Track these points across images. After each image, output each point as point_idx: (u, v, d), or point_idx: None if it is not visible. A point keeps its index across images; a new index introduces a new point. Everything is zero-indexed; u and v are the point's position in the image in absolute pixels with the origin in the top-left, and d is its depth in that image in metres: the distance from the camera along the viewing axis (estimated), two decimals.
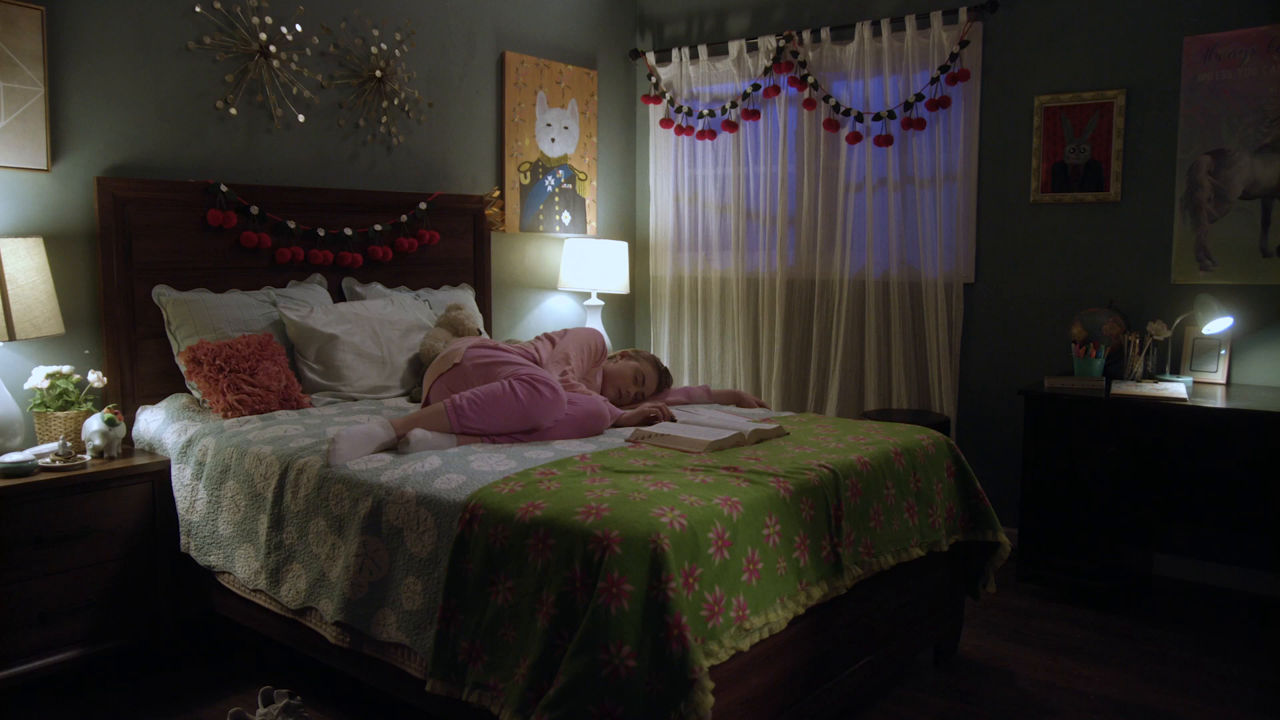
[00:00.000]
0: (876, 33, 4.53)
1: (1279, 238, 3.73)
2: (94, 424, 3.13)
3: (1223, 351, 3.83)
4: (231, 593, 3.01)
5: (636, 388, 3.58)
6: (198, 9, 3.58)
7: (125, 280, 3.41)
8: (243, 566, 2.89)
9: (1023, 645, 3.37)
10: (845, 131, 4.63)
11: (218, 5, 3.63)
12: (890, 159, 4.53)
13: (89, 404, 3.26)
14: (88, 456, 3.11)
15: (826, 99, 4.67)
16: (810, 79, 4.70)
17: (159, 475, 3.16)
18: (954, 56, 4.29)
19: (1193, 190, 3.88)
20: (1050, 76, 4.17)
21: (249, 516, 2.90)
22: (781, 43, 4.77)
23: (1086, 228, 4.14)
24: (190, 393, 3.44)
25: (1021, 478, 3.82)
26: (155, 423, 3.32)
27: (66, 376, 3.20)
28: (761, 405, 3.73)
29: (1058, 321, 4.20)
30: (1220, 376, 3.83)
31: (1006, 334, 4.37)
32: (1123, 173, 4.03)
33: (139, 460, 3.17)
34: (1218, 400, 3.54)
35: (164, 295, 3.46)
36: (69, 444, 3.04)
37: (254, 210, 3.70)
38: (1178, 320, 3.88)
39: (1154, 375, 3.89)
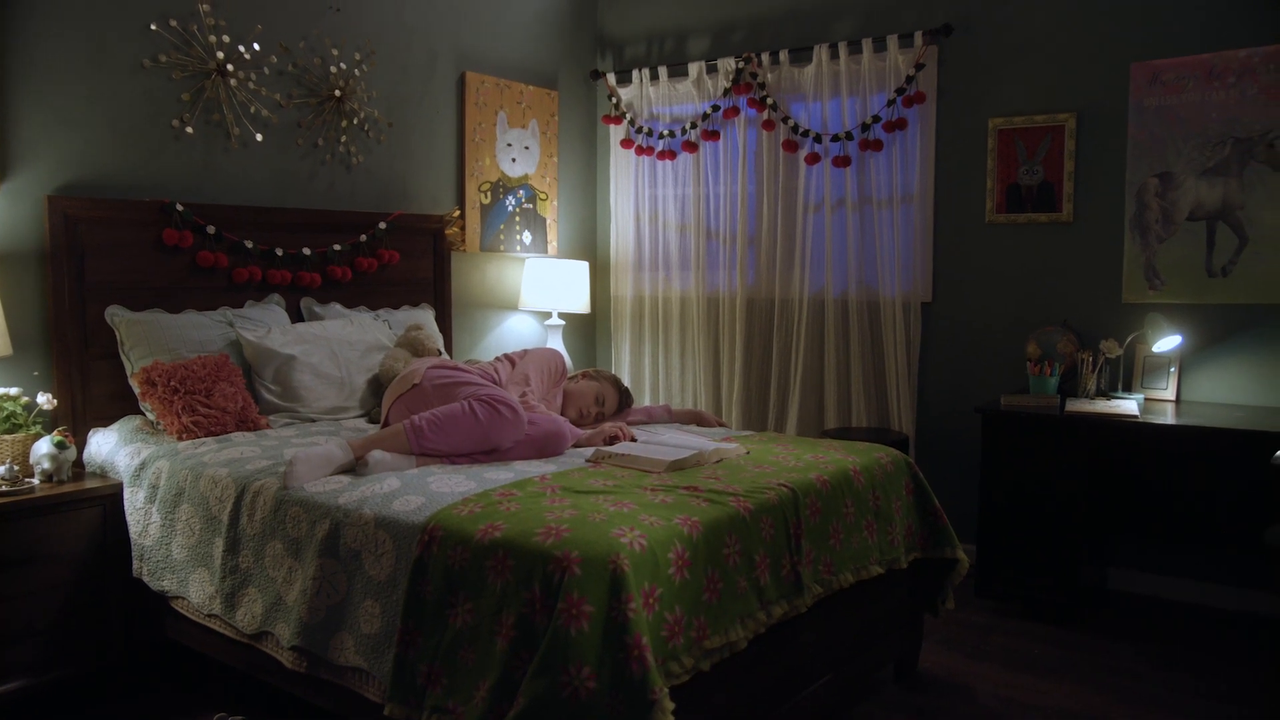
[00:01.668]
0: (834, 55, 4.59)
1: (1223, 259, 3.82)
2: (42, 447, 3.07)
3: (1172, 369, 3.91)
4: (185, 618, 2.96)
5: (597, 408, 3.58)
6: (153, 26, 3.55)
7: (77, 300, 3.35)
8: (197, 591, 2.84)
9: (982, 661, 3.40)
10: (804, 152, 4.68)
11: (174, 23, 3.60)
12: (848, 180, 4.59)
13: (37, 427, 3.20)
14: (36, 480, 3.05)
15: (785, 120, 4.72)
16: (769, 100, 4.75)
17: (111, 499, 3.10)
18: (910, 79, 4.36)
19: (1141, 211, 3.96)
20: (1004, 99, 4.25)
21: (204, 540, 2.85)
22: (741, 64, 4.81)
23: (1040, 248, 4.22)
24: (144, 415, 3.39)
25: (979, 494, 3.87)
26: (107, 445, 3.27)
27: (14, 399, 3.14)
28: (722, 425, 3.74)
29: (1013, 340, 4.26)
30: (1170, 394, 3.91)
31: (964, 353, 4.43)
32: (1074, 194, 4.11)
33: (90, 484, 3.11)
34: (1168, 417, 3.60)
35: (117, 315, 3.41)
36: (16, 468, 2.98)
37: (210, 230, 3.67)
38: (1129, 339, 3.96)
39: (1107, 393, 3.96)
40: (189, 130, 3.67)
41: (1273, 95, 3.66)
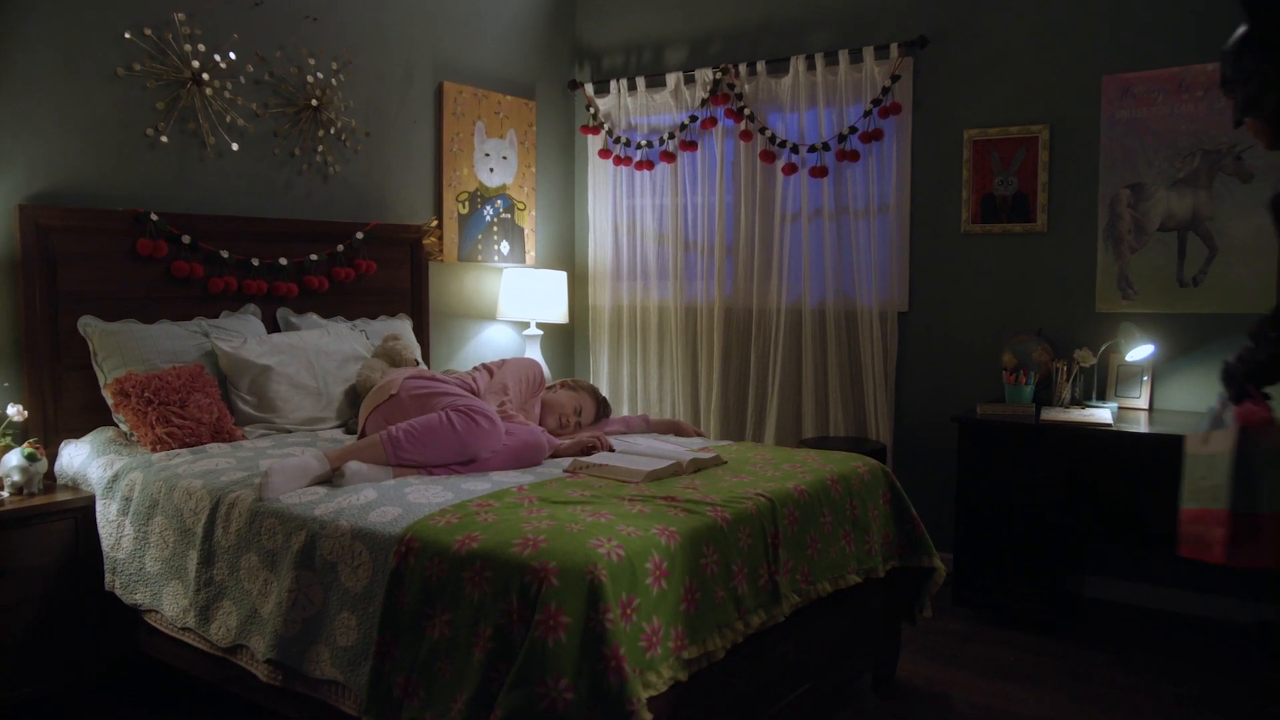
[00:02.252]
0: (811, 66, 4.62)
1: (1194, 269, 3.87)
2: (13, 459, 3.03)
3: (1145, 378, 3.95)
4: (159, 632, 2.92)
5: (575, 418, 3.58)
6: (127, 35, 3.52)
7: (49, 311, 3.31)
8: (171, 604, 2.81)
9: (959, 669, 3.42)
10: (781, 163, 4.71)
11: (148, 32, 3.58)
12: (825, 190, 4.61)
13: (8, 438, 3.16)
14: (5, 493, 3.02)
15: (762, 131, 4.74)
16: (746, 111, 4.77)
17: (83, 511, 3.07)
18: (886, 90, 4.40)
19: (1114, 222, 4.01)
20: (978, 111, 4.29)
21: (178, 553, 2.82)
22: (718, 75, 4.84)
23: (1015, 258, 4.25)
24: (117, 426, 3.35)
25: (956, 503, 3.89)
26: (80, 457, 3.23)
27: None
28: (700, 434, 3.75)
29: (989, 349, 4.29)
30: (1143, 402, 3.95)
31: (940, 362, 4.46)
32: (1048, 204, 4.15)
33: (61, 496, 3.08)
34: (1141, 425, 3.64)
35: (90, 326, 3.38)
36: None
37: (185, 240, 3.64)
38: (1102, 348, 4.00)
39: (1081, 401, 3.99)
40: (164, 139, 3.65)
41: None
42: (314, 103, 4.12)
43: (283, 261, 3.95)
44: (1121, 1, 3.96)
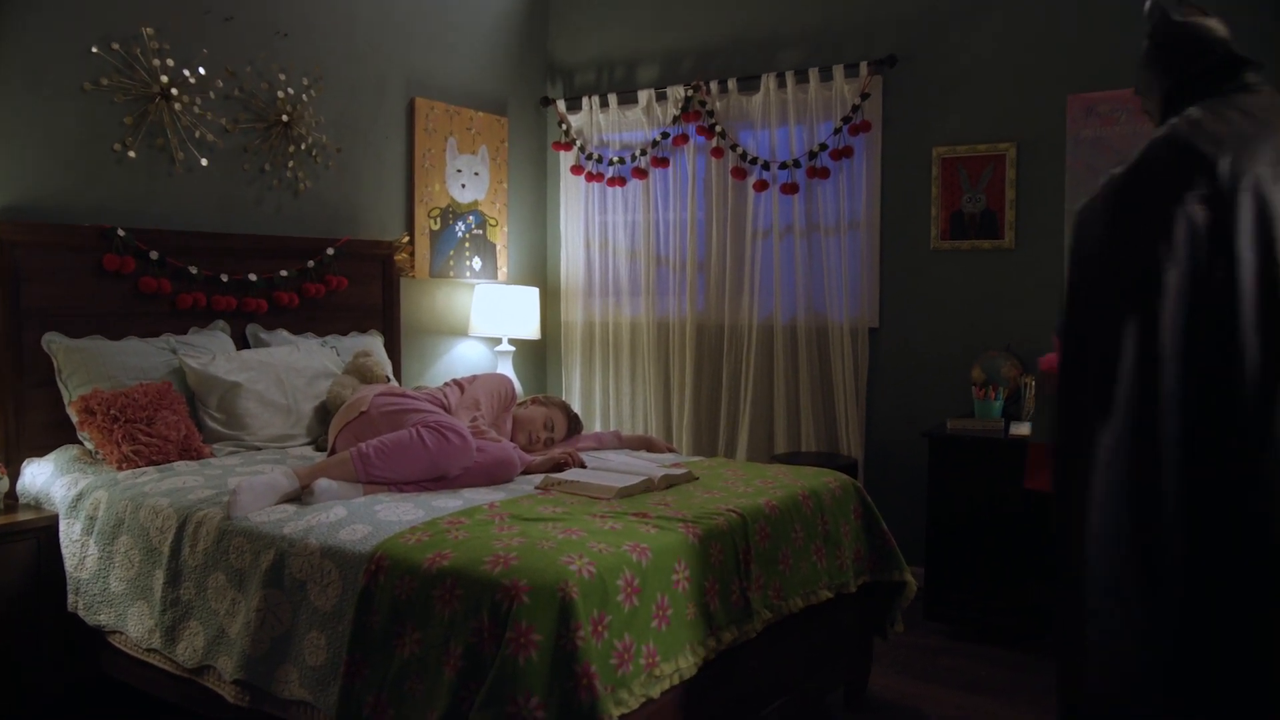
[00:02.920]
0: (781, 84, 4.66)
1: None
2: None
3: None
4: (123, 653, 2.88)
5: (546, 433, 3.57)
6: (94, 49, 3.50)
7: (12, 327, 3.27)
8: (135, 625, 2.77)
9: (932, 684, 3.43)
10: (752, 179, 4.74)
11: (116, 46, 3.55)
12: (796, 206, 4.64)
13: None
14: None
15: (734, 148, 4.77)
16: (718, 128, 4.80)
17: (45, 531, 3.02)
18: (855, 108, 4.44)
19: None
20: (947, 129, 4.35)
21: (143, 572, 2.78)
22: (690, 92, 4.87)
23: (984, 274, 4.30)
24: (82, 444, 3.31)
25: (927, 517, 3.91)
26: (43, 476, 3.19)
27: None
28: (672, 450, 3.75)
29: (959, 365, 4.33)
30: None
31: (910, 377, 4.49)
32: (1016, 221, 4.20)
33: (23, 516, 3.03)
34: None
35: (55, 342, 3.33)
36: None
37: (153, 255, 3.60)
38: None
39: None
40: (131, 154, 3.62)
41: None
42: (285, 118, 4.11)
43: (252, 277, 3.92)
44: (1085, 23, 4.03)
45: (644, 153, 5.03)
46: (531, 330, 5.00)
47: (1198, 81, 1.89)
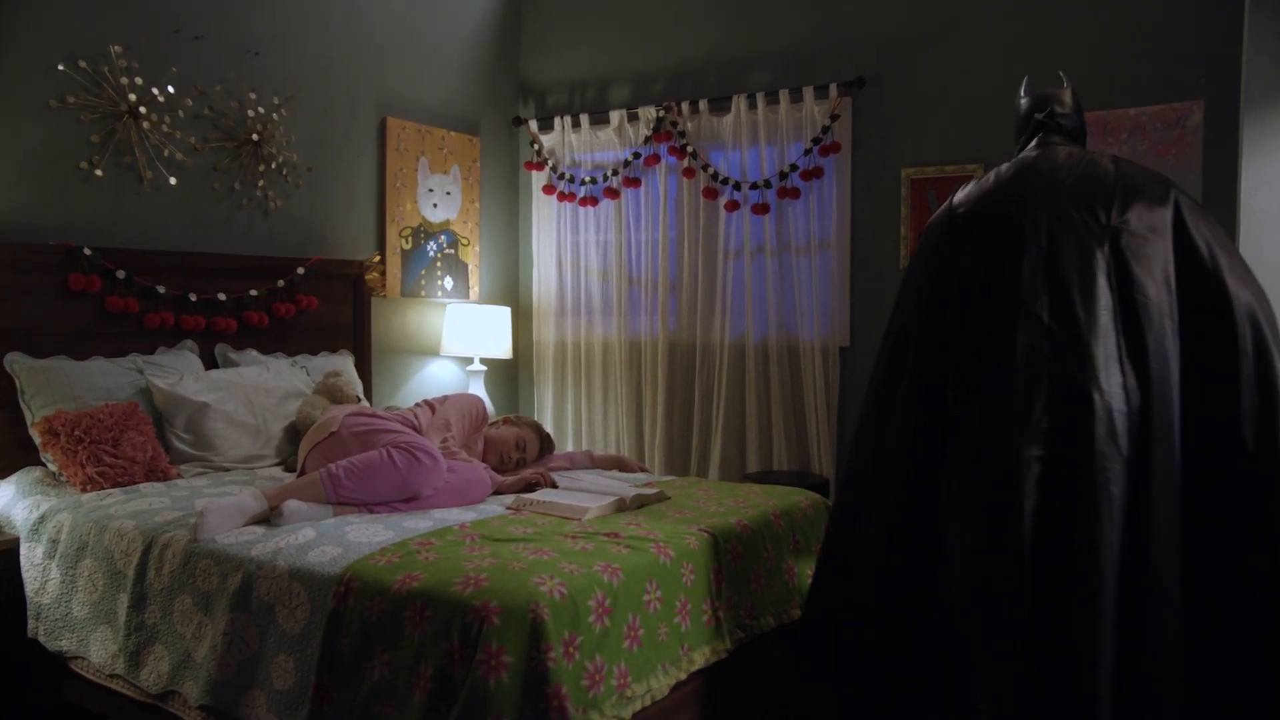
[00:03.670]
0: (752, 105, 4.70)
1: None
2: None
3: None
4: (85, 679, 2.82)
5: (518, 453, 3.56)
6: (60, 67, 3.47)
7: None
8: (99, 650, 2.73)
9: None
10: (724, 200, 4.77)
11: (83, 64, 3.53)
12: (767, 227, 4.68)
13: None
14: None
15: (705, 168, 4.80)
16: (689, 148, 4.83)
17: (5, 555, 2.97)
18: (826, 129, 4.49)
19: None
20: (915, 150, 4.40)
21: (107, 596, 2.74)
22: (661, 113, 4.90)
23: None
24: (45, 466, 3.26)
25: None
26: (4, 499, 3.14)
27: None
28: (644, 470, 3.75)
29: None
30: None
31: None
32: None
33: None
34: None
35: (18, 363, 3.29)
36: None
37: (120, 274, 3.57)
38: None
39: None
40: (98, 173, 3.59)
41: (1161, 151, 3.86)
42: (255, 137, 4.09)
43: (221, 297, 3.89)
44: (1050, 47, 4.09)
45: (616, 173, 5.05)
46: (503, 350, 4.99)
47: (1018, 140, 2.54)
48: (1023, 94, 2.53)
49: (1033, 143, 2.43)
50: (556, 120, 5.26)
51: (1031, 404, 2.03)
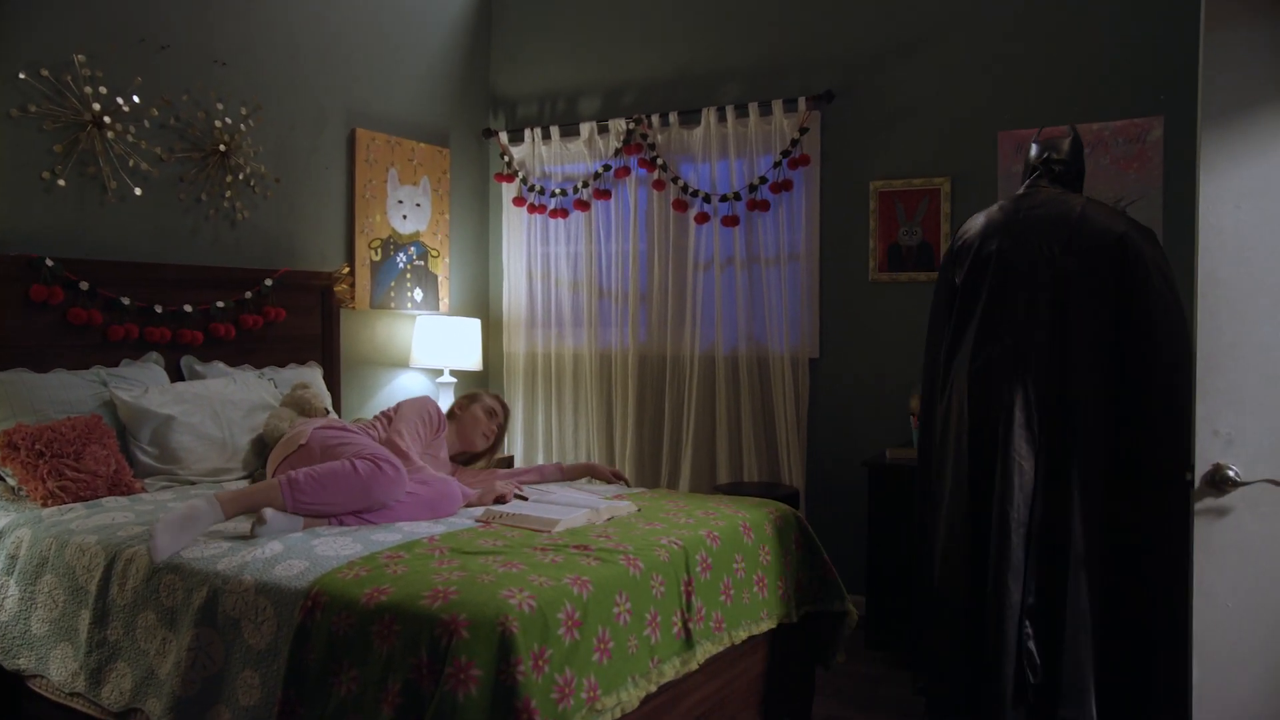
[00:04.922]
0: (722, 118, 4.73)
1: None
2: None
3: None
4: (43, 698, 2.77)
5: (494, 421, 3.60)
6: (22, 75, 3.43)
7: None
8: (58, 668, 2.68)
9: (874, 712, 3.44)
10: (693, 212, 4.79)
11: (45, 73, 3.49)
12: (737, 239, 4.70)
13: None
14: None
15: (675, 180, 4.82)
16: (659, 161, 4.85)
17: None
18: (795, 142, 4.52)
19: None
20: (884, 163, 4.44)
21: (68, 613, 2.69)
22: (631, 125, 4.91)
23: (921, 305, 4.36)
24: (4, 480, 3.20)
25: (868, 546, 3.95)
26: None
27: None
28: (616, 473, 3.74)
29: (898, 394, 4.39)
30: None
31: (850, 407, 4.54)
32: None
33: None
34: None
35: None
36: None
37: (84, 286, 3.52)
38: None
39: None
40: (61, 183, 3.54)
41: (1123, 165, 3.92)
42: (222, 148, 4.06)
43: (187, 309, 3.85)
44: (1015, 63, 4.16)
45: (586, 185, 5.06)
46: (473, 361, 4.97)
47: (1023, 180, 2.97)
48: (1035, 140, 2.95)
49: (1026, 183, 2.89)
50: (527, 132, 5.26)
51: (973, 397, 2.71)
